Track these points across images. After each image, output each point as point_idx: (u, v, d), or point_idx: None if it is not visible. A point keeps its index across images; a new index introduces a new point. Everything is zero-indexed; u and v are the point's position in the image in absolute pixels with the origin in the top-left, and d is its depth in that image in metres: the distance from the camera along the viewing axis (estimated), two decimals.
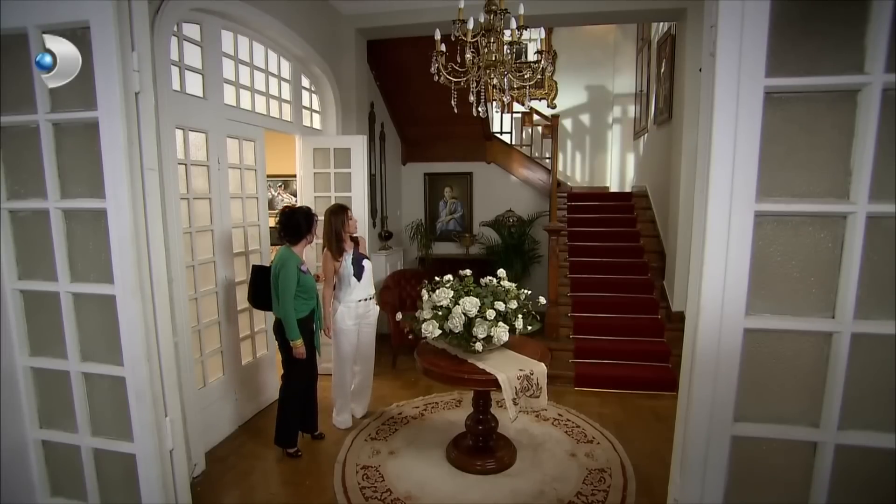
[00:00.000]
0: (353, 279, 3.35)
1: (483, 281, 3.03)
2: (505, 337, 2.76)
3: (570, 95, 8.44)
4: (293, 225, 3.07)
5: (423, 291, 3.00)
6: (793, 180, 1.18)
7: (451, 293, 2.83)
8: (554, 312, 4.88)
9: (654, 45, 5.92)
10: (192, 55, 3.09)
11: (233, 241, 3.49)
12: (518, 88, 3.87)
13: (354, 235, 3.44)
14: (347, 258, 3.36)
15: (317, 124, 4.75)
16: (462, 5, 3.07)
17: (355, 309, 3.39)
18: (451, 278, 2.97)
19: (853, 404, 1.19)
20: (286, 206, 3.23)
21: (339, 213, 3.33)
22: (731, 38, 1.14)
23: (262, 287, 3.19)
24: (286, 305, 2.95)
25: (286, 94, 4.21)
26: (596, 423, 3.63)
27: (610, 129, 8.49)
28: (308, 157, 4.41)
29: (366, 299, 3.45)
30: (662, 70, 5.46)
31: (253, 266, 3.37)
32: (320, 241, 3.48)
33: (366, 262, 3.44)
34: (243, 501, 2.79)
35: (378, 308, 3.64)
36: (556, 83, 8.20)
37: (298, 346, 2.99)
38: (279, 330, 3.06)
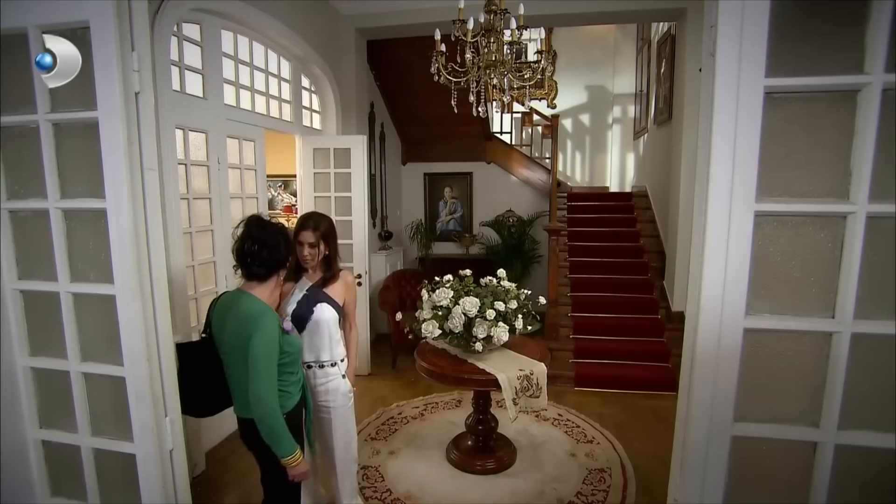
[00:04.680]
0: (291, 325, 2.07)
1: (483, 281, 3.03)
2: (505, 337, 2.76)
3: (570, 95, 8.44)
4: (273, 245, 1.78)
5: (423, 291, 3.00)
6: (793, 180, 1.18)
7: (451, 293, 2.83)
8: (554, 312, 4.88)
9: (654, 45, 5.92)
10: (192, 55, 3.09)
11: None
12: (518, 88, 3.87)
13: (341, 268, 2.27)
14: (296, 290, 2.18)
15: (317, 124, 4.75)
16: (462, 5, 3.07)
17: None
18: (451, 278, 2.97)
19: (853, 404, 1.19)
20: (253, 216, 1.85)
21: (296, 228, 2.17)
22: (731, 38, 1.14)
23: (199, 377, 1.89)
24: (268, 398, 1.69)
25: (286, 94, 4.21)
26: (596, 423, 3.63)
27: (610, 129, 8.49)
28: (308, 157, 4.41)
29: (317, 364, 2.18)
30: (662, 70, 5.46)
31: (177, 346, 1.80)
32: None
33: (321, 309, 2.14)
34: (243, 501, 2.79)
35: (347, 384, 2.24)
36: (556, 83, 8.19)
37: (299, 461, 1.76)
38: (254, 434, 1.77)
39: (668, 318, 4.89)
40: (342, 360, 2.25)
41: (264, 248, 1.76)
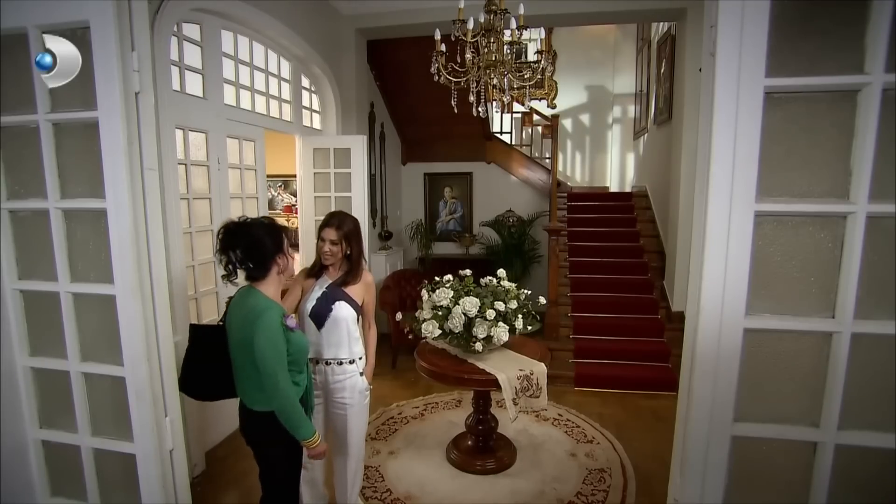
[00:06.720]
0: (310, 322, 2.19)
1: (483, 281, 3.03)
2: (505, 337, 2.76)
3: (570, 95, 8.44)
4: (251, 244, 1.78)
5: (423, 291, 2.99)
6: (793, 180, 1.18)
7: (451, 293, 2.83)
8: (554, 312, 4.88)
9: (654, 45, 5.92)
10: (192, 55, 3.09)
11: None
12: (518, 88, 3.87)
13: (362, 269, 2.30)
14: (316, 287, 2.23)
15: (317, 124, 4.75)
16: (462, 5, 3.07)
17: (316, 374, 2.23)
18: (451, 278, 2.97)
19: (853, 404, 1.19)
20: (221, 227, 1.80)
21: (320, 224, 2.24)
22: (731, 38, 1.14)
23: (206, 360, 1.96)
24: (283, 387, 1.73)
25: (286, 94, 4.21)
26: (596, 423, 3.63)
27: (610, 129, 8.49)
28: (308, 157, 4.41)
29: (334, 362, 2.21)
30: (662, 70, 5.46)
31: (191, 326, 2.09)
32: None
33: (339, 307, 2.18)
34: (243, 501, 2.79)
35: (364, 382, 2.28)
36: (556, 83, 8.19)
37: (318, 442, 1.84)
38: (257, 428, 1.88)
39: (668, 318, 4.89)
40: (360, 358, 2.28)
41: (245, 250, 1.78)
